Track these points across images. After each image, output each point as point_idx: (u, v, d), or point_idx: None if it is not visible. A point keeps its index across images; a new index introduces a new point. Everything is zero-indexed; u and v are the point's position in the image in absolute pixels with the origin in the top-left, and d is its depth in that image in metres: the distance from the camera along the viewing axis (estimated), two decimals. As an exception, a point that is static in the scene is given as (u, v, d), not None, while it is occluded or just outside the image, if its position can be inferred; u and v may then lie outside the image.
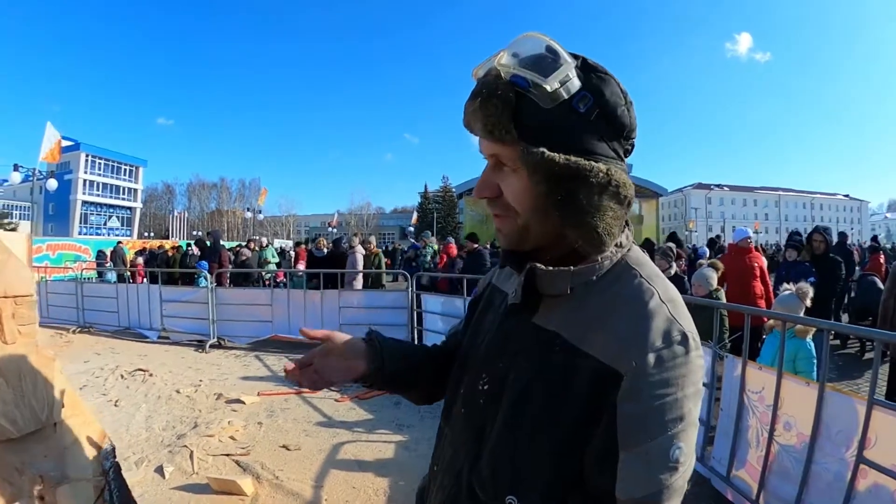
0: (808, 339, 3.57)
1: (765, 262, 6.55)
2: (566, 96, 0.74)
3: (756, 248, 6.82)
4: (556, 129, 0.75)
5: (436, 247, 9.37)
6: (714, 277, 5.23)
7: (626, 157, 0.83)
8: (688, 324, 0.76)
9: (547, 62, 0.75)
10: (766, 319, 4.39)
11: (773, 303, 6.01)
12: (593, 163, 0.75)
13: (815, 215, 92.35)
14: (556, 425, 0.76)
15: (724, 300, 5.32)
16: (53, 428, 1.58)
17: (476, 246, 8.74)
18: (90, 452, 1.63)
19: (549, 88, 0.73)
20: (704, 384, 3.37)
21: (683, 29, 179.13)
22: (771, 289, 6.28)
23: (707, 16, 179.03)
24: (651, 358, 0.71)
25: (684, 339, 0.73)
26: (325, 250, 10.83)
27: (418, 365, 1.06)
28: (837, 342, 7.76)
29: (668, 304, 0.77)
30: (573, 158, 0.74)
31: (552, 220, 0.79)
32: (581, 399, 0.74)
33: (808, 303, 3.92)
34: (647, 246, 11.79)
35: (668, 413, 0.70)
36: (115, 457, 1.71)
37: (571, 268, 0.81)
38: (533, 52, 0.76)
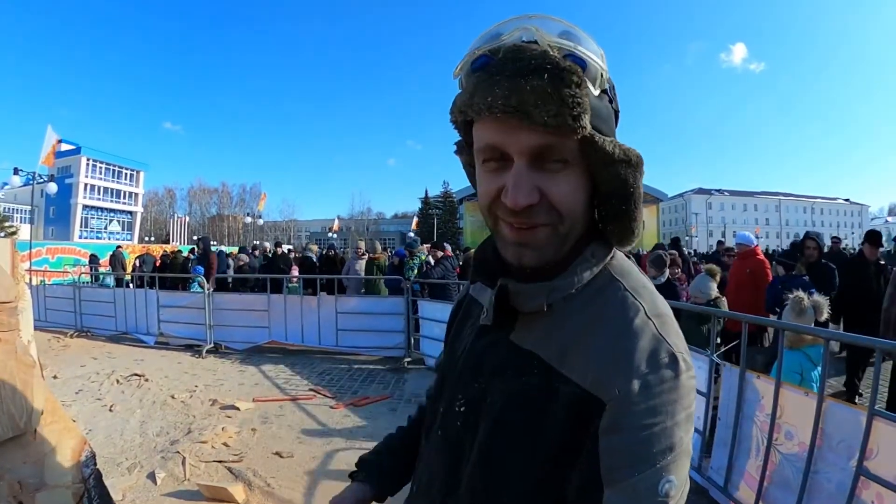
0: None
1: (768, 267, 6.48)
2: (607, 85, 0.70)
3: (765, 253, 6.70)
4: (605, 118, 0.70)
5: (424, 256, 9.28)
6: (712, 286, 5.13)
7: None
8: (677, 342, 0.69)
9: (589, 43, 0.68)
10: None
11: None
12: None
13: (815, 220, 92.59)
14: (535, 454, 0.70)
15: (726, 308, 5.23)
16: (33, 434, 1.55)
17: (441, 254, 8.80)
18: (69, 459, 1.60)
19: (604, 72, 0.68)
20: (702, 393, 3.37)
21: (677, 40, 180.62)
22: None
23: (699, 27, 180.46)
24: (636, 384, 0.64)
25: (673, 361, 0.66)
26: (314, 256, 10.92)
27: (410, 461, 1.03)
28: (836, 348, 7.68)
29: (654, 320, 0.70)
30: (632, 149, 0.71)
31: (587, 220, 0.74)
32: (561, 427, 0.68)
33: (823, 317, 3.84)
34: (675, 246, 11.63)
35: (657, 444, 0.63)
36: (95, 464, 1.68)
37: (548, 283, 0.73)
38: (562, 30, 0.68)
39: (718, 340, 3.93)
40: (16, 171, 20.10)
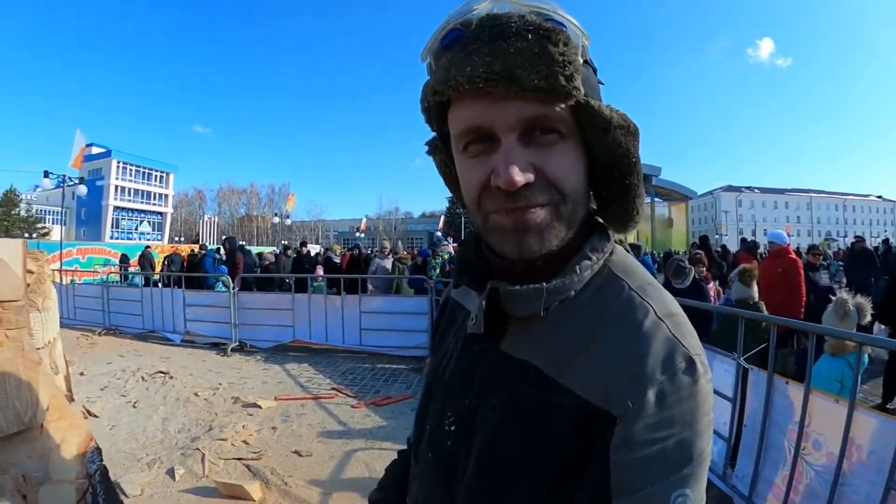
0: (864, 356, 3.34)
1: (801, 267, 6.28)
2: (588, 55, 0.63)
3: (797, 252, 6.44)
4: (593, 86, 0.64)
5: (447, 256, 9.22)
6: (752, 290, 4.90)
7: None
8: (693, 343, 0.62)
9: (566, 12, 0.62)
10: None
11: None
12: None
13: (847, 217, 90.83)
14: (536, 470, 0.63)
15: (765, 311, 5.01)
16: (40, 429, 1.57)
17: None
18: (74, 455, 1.61)
19: (586, 41, 0.61)
20: (729, 398, 3.26)
21: (703, 36, 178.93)
22: (803, 296, 6.02)
23: (726, 23, 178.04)
24: (651, 395, 0.57)
25: (690, 366, 0.59)
26: (336, 257, 11.07)
27: None
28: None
29: (666, 320, 0.62)
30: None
31: (591, 196, 0.69)
32: (563, 442, 0.61)
33: (866, 320, 3.69)
34: (703, 244, 11.37)
35: (672, 457, 0.57)
36: (101, 460, 1.69)
37: (545, 284, 0.65)
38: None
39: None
40: (46, 174, 20.64)
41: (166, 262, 14.42)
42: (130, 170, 63.39)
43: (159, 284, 10.45)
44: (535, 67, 0.56)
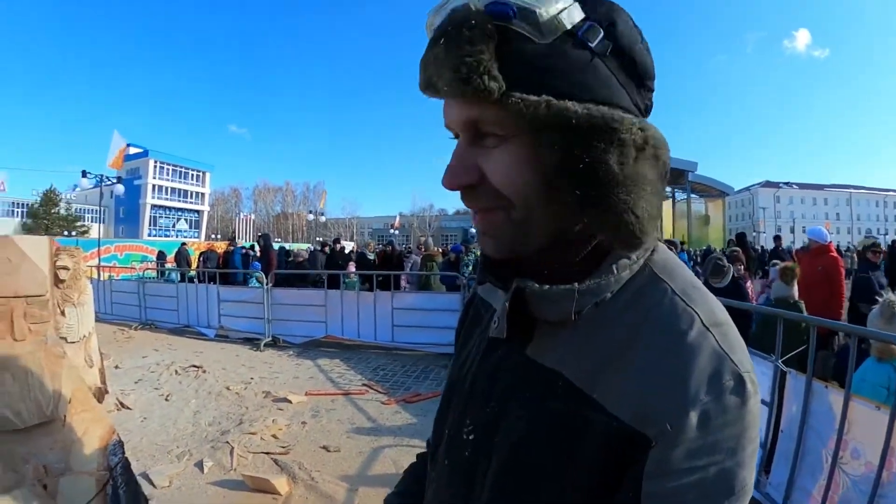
0: None
1: (842, 266, 6.06)
2: (568, 26, 0.53)
3: (838, 251, 6.23)
4: (560, 72, 0.53)
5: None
6: (793, 289, 4.72)
7: (646, 114, 0.61)
8: (742, 358, 0.55)
9: None
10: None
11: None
12: (622, 113, 0.54)
13: (888, 214, 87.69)
14: (559, 492, 0.57)
15: (804, 311, 4.82)
16: (62, 422, 1.59)
17: None
18: (96, 447, 1.63)
19: (544, 14, 0.52)
20: (765, 402, 3.14)
21: (738, 28, 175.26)
22: (844, 297, 5.81)
23: (761, 15, 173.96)
24: (693, 417, 0.51)
25: (739, 384, 0.53)
26: (372, 254, 11.12)
27: None
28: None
29: (713, 330, 0.55)
30: (594, 107, 0.53)
31: (566, 204, 0.56)
32: (591, 462, 0.56)
33: None
34: (740, 242, 11.03)
35: (713, 488, 0.52)
36: (123, 452, 1.70)
37: (576, 285, 0.59)
38: None
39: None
40: (84, 174, 21.22)
41: (202, 259, 14.68)
42: (167, 169, 65.25)
43: (195, 280, 10.65)
44: (443, 73, 0.54)
